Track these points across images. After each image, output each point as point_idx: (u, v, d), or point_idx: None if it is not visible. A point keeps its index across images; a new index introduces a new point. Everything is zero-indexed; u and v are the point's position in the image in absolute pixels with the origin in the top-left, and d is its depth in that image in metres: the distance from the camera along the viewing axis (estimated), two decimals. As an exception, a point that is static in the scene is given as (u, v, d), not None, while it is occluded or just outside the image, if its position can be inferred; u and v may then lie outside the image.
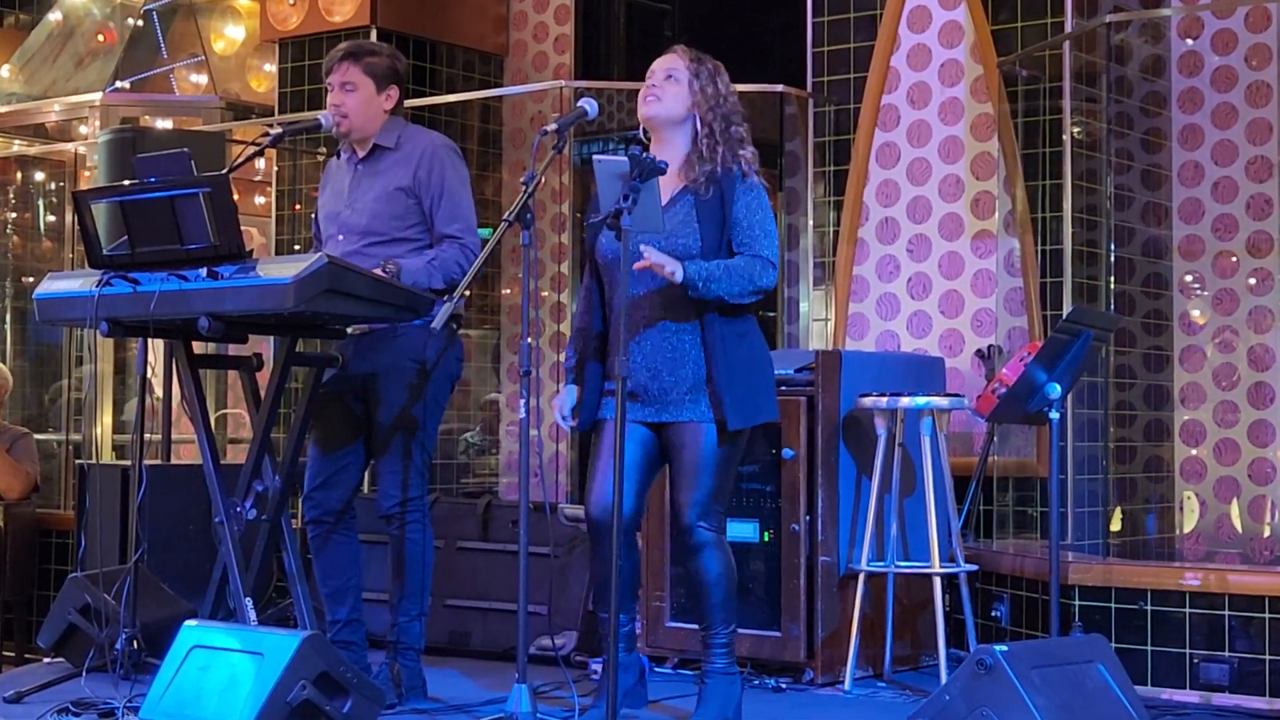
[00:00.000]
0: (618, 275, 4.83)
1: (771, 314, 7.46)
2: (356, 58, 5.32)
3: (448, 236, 5.23)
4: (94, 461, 7.43)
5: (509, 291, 8.53)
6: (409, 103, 6.49)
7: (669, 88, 4.86)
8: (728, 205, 4.78)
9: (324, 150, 7.88)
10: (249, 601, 4.77)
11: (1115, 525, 6.81)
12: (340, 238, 5.30)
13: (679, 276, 4.63)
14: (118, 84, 8.85)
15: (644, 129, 4.93)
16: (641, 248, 4.57)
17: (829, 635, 5.72)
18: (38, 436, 8.35)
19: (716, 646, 4.82)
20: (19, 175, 9.64)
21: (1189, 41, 7.22)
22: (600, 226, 4.76)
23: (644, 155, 4.54)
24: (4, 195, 9.63)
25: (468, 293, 4.89)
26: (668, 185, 4.78)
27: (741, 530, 5.85)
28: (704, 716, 4.77)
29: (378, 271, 4.99)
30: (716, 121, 4.85)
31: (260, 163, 8.41)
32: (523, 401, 4.65)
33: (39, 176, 9.57)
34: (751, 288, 4.73)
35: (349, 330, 5.18)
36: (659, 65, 4.92)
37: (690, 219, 4.78)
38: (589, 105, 4.87)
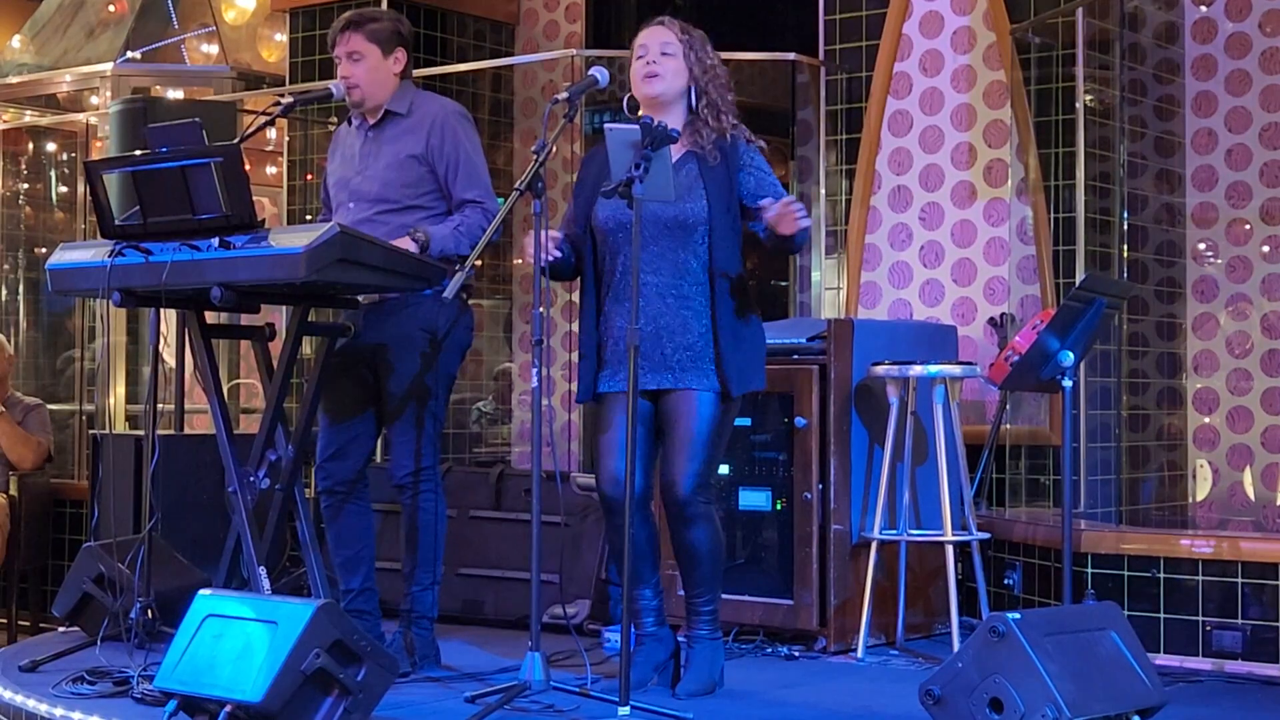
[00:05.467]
0: (617, 242, 4.85)
1: (784, 283, 7.46)
2: (359, 26, 5.31)
3: (468, 202, 5.22)
4: (107, 431, 7.45)
5: (520, 261, 8.53)
6: (420, 72, 6.49)
7: (667, 64, 4.89)
8: (733, 170, 4.84)
9: (334, 120, 7.87)
10: (263, 570, 4.78)
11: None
12: (352, 205, 5.30)
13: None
14: (129, 54, 8.85)
15: (629, 102, 4.94)
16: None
17: (841, 604, 5.73)
18: (51, 407, 8.36)
19: (704, 614, 4.94)
20: (31, 146, 9.64)
21: (1202, 8, 7.18)
22: (594, 193, 4.78)
23: (656, 123, 4.54)
24: (16, 166, 9.63)
25: (479, 262, 4.88)
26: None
27: (754, 498, 5.86)
28: (693, 681, 4.87)
29: (407, 240, 5.00)
30: (713, 89, 4.90)
31: (271, 132, 8.43)
32: (535, 371, 4.65)
33: (51, 147, 9.57)
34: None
35: (360, 299, 5.18)
36: (650, 40, 4.92)
37: (696, 184, 4.82)
38: (600, 74, 4.87)
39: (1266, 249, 7.05)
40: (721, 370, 4.80)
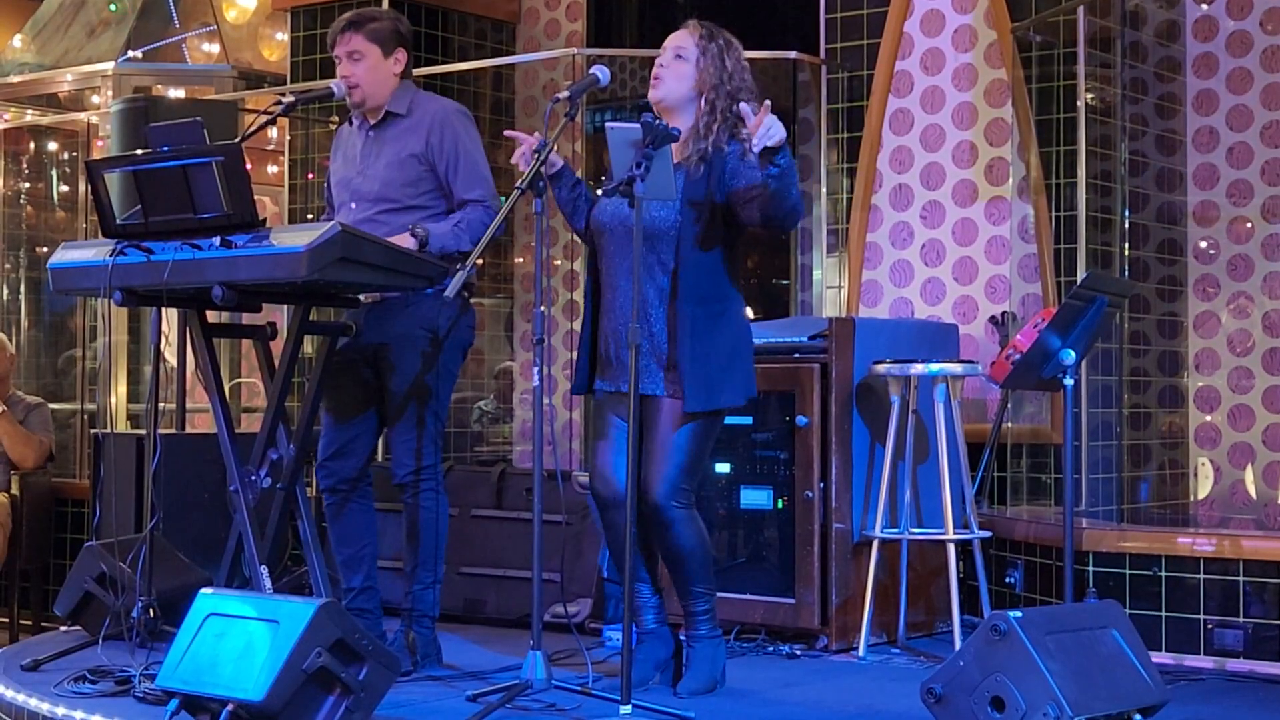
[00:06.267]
0: (613, 240, 4.85)
1: (785, 281, 7.46)
2: (358, 26, 5.31)
3: (470, 201, 5.23)
4: (109, 430, 7.45)
5: (522, 260, 8.53)
6: (421, 71, 6.49)
7: (676, 67, 4.88)
8: (715, 180, 4.77)
9: (335, 119, 7.87)
10: (264, 569, 4.78)
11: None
12: (353, 205, 5.30)
13: (775, 139, 4.47)
14: (130, 53, 8.85)
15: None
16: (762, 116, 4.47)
17: (843, 602, 5.73)
18: (53, 406, 8.37)
19: (699, 614, 4.93)
20: (32, 145, 9.64)
21: (1204, 6, 7.18)
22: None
23: (657, 122, 4.54)
24: (17, 165, 9.63)
25: (480, 260, 4.88)
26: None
27: (755, 497, 5.86)
28: (694, 679, 4.87)
29: (407, 236, 5.01)
30: (720, 99, 4.84)
31: (273, 131, 8.43)
32: (536, 370, 4.65)
33: (52, 146, 9.57)
34: (798, 194, 4.69)
35: (361, 298, 5.18)
36: (669, 43, 4.93)
37: (677, 194, 4.76)
38: (601, 72, 4.86)
39: (1267, 247, 7.04)
40: (679, 383, 4.76)
